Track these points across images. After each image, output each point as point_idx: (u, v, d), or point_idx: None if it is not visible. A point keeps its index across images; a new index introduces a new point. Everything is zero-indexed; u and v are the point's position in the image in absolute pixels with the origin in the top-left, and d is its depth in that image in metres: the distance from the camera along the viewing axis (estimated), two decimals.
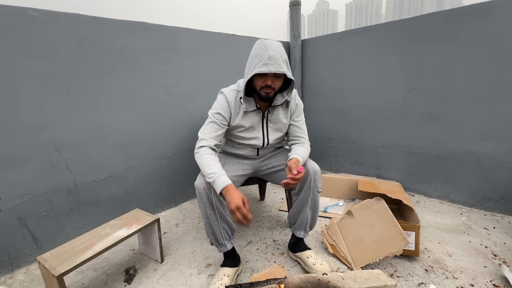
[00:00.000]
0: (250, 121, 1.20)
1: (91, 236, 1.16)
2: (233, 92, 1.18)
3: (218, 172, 1.02)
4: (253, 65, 1.04)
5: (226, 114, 1.16)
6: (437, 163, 1.84)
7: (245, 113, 1.19)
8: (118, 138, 1.53)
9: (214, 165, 1.04)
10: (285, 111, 1.25)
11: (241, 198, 0.95)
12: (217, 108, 1.17)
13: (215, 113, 1.17)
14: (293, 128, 1.28)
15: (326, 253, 1.38)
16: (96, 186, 1.47)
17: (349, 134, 2.28)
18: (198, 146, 1.13)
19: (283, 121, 1.24)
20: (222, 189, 0.98)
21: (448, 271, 1.22)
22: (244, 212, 0.93)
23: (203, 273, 1.27)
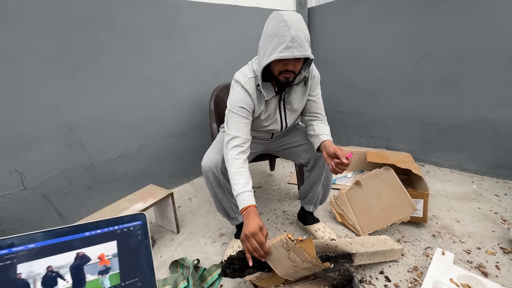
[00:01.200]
0: (270, 108, 1.10)
1: (111, 210, 1.23)
2: (251, 81, 1.03)
3: (242, 187, 0.93)
4: (272, 47, 0.89)
5: (249, 107, 1.04)
6: (450, 132, 1.80)
7: (266, 102, 1.08)
8: (128, 117, 1.56)
9: (241, 176, 0.95)
10: (304, 89, 1.12)
11: (259, 225, 0.83)
12: (239, 102, 1.02)
13: (239, 106, 1.02)
14: (309, 104, 1.16)
15: (334, 222, 1.42)
16: (111, 164, 1.54)
17: (359, 106, 2.24)
18: (229, 147, 1.00)
19: (301, 101, 1.14)
20: (242, 209, 0.90)
21: (455, 236, 1.24)
22: (261, 239, 0.81)
23: (217, 242, 1.34)
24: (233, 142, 1.00)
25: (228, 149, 1.00)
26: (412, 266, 1.09)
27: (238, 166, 0.97)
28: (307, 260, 0.83)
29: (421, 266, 1.09)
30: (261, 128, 1.17)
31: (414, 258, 1.13)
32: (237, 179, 0.94)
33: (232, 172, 0.96)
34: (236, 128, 1.02)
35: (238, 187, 0.93)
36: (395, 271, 1.07)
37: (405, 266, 1.09)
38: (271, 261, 0.85)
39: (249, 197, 0.91)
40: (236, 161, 0.98)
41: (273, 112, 1.13)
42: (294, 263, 0.83)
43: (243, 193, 0.92)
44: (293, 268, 0.85)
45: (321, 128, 1.13)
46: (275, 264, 0.86)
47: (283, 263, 0.85)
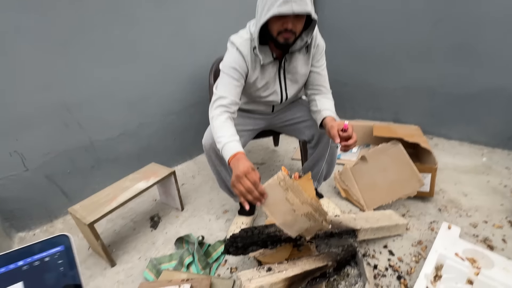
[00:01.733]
0: (267, 75, 1.02)
1: (114, 189, 1.23)
2: (246, 42, 0.97)
3: (228, 138, 0.86)
4: (270, 3, 0.82)
5: (242, 70, 0.97)
6: (462, 102, 1.71)
7: (263, 68, 1.00)
8: (125, 95, 1.50)
9: (226, 130, 0.89)
10: (306, 58, 1.04)
11: (251, 166, 0.77)
12: (231, 62, 0.96)
13: (230, 67, 0.96)
14: (312, 76, 1.09)
15: (338, 197, 1.41)
16: (112, 144, 1.52)
17: (366, 77, 2.13)
18: (214, 106, 0.94)
19: (303, 71, 1.06)
20: (230, 157, 0.83)
21: (462, 209, 1.22)
22: (254, 178, 0.74)
23: (221, 218, 1.35)
24: (219, 102, 0.95)
25: (213, 108, 0.95)
26: (417, 240, 1.09)
27: (222, 120, 0.91)
28: (307, 202, 0.76)
29: (426, 240, 1.08)
30: (259, 99, 1.11)
31: (419, 232, 1.13)
32: (221, 132, 0.88)
33: (216, 126, 0.90)
34: (224, 88, 0.96)
35: (223, 139, 0.87)
36: (399, 245, 1.07)
37: (409, 240, 1.09)
38: (267, 206, 0.77)
39: (237, 145, 0.85)
40: (220, 117, 0.92)
41: (272, 81, 1.06)
42: (293, 205, 0.76)
43: (229, 143, 0.85)
44: (292, 214, 0.77)
45: (324, 103, 1.07)
46: (272, 210, 0.78)
47: (281, 207, 0.77)
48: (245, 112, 1.21)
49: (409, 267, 0.98)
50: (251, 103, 1.17)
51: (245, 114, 1.20)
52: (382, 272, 0.96)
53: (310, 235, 0.85)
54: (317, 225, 0.80)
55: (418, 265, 0.98)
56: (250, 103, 1.17)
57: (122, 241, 1.28)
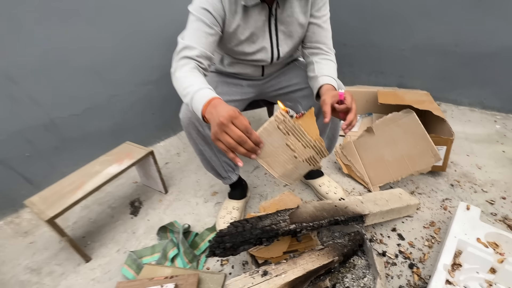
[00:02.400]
0: (253, 24, 0.81)
1: (81, 175, 1.05)
2: None
3: (199, 85, 0.67)
4: None
5: (217, 13, 0.75)
6: (478, 63, 1.51)
7: (246, 12, 0.79)
8: (87, 61, 1.24)
9: (192, 79, 0.70)
10: (303, 3, 0.83)
11: (234, 110, 0.56)
12: (202, 2, 0.74)
13: (201, 8, 0.74)
14: (312, 29, 0.87)
15: (340, 173, 1.27)
16: (77, 120, 1.29)
17: (369, 37, 1.88)
18: (177, 58, 0.75)
19: (300, 20, 0.84)
20: (203, 106, 0.62)
21: (476, 184, 1.10)
22: (244, 122, 0.56)
23: (210, 202, 1.21)
24: (184, 53, 0.74)
25: (175, 60, 0.75)
26: (429, 221, 0.97)
27: (187, 70, 0.72)
28: (310, 145, 0.63)
29: (439, 220, 0.97)
30: (245, 58, 0.89)
31: (431, 212, 1.01)
32: (188, 82, 0.69)
33: (180, 77, 0.71)
34: (192, 36, 0.75)
35: (191, 88, 0.66)
36: (409, 228, 0.96)
37: (421, 222, 0.98)
38: (264, 157, 0.62)
39: (210, 92, 0.65)
40: (184, 67, 0.72)
41: (260, 33, 0.84)
42: (295, 152, 0.62)
43: (200, 90, 0.65)
44: (293, 161, 0.64)
45: (323, 67, 0.86)
46: (270, 161, 0.63)
47: (280, 156, 0.62)
48: (230, 77, 1.00)
49: (422, 253, 0.87)
50: (235, 64, 0.95)
51: (230, 81, 1.00)
52: (392, 260, 0.85)
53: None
54: (315, 167, 0.70)
55: (431, 250, 0.87)
56: (234, 65, 0.95)
57: (99, 231, 1.13)
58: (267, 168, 0.64)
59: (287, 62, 1.05)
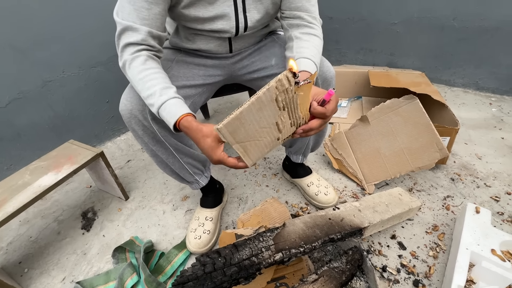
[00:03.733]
0: None
1: (3, 189, 0.81)
2: None
3: (160, 96, 0.55)
4: None
5: None
6: (476, 39, 1.37)
7: None
8: (7, 36, 0.94)
9: (150, 79, 0.57)
10: None
11: (213, 144, 0.52)
12: None
13: None
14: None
15: (329, 168, 1.12)
16: (2, 115, 1.01)
17: (358, 9, 1.67)
18: (121, 45, 0.59)
19: None
20: (173, 127, 0.55)
21: (478, 178, 1.00)
22: (230, 164, 0.52)
23: (179, 209, 1.02)
24: (126, 38, 0.58)
25: (119, 49, 0.60)
26: (431, 224, 0.85)
27: (139, 68, 0.58)
28: (297, 123, 0.52)
29: (442, 223, 0.85)
30: (203, 27, 0.68)
31: (432, 213, 0.89)
32: (147, 88, 0.57)
33: (136, 80, 0.58)
34: (130, 10, 0.57)
35: (154, 99, 0.56)
36: (410, 234, 0.84)
37: (422, 226, 0.85)
38: (242, 140, 0.47)
39: (176, 105, 0.56)
40: (134, 62, 0.58)
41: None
42: (281, 133, 0.50)
43: (165, 104, 0.55)
44: (273, 144, 0.52)
45: (303, 44, 0.67)
46: (248, 146, 0.48)
47: (263, 138, 0.49)
48: (189, 56, 0.78)
49: (427, 265, 0.75)
50: (195, 37, 0.73)
51: (190, 60, 0.77)
52: (393, 277, 0.73)
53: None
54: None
55: (437, 262, 0.76)
56: (194, 38, 0.73)
57: (41, 253, 0.91)
58: (242, 155, 0.49)
59: (262, 35, 0.84)
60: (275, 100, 0.43)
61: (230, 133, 0.44)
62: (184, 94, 0.72)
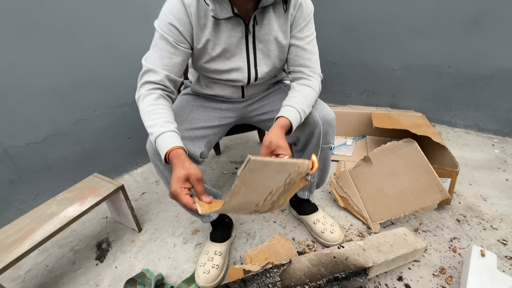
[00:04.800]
0: (225, 39, 0.74)
1: (32, 218, 0.88)
2: None
3: (160, 127, 0.65)
4: None
5: (184, 28, 0.70)
6: (472, 84, 1.47)
7: (217, 26, 0.72)
8: (49, 82, 1.10)
9: (156, 114, 0.66)
10: (283, 20, 0.77)
11: (182, 177, 0.57)
12: (168, 16, 0.69)
13: (166, 24, 0.69)
14: (295, 51, 0.81)
15: (335, 206, 1.15)
16: (37, 149, 1.13)
17: (360, 56, 1.82)
18: (140, 83, 0.71)
19: (279, 38, 0.78)
20: (164, 158, 0.63)
21: (484, 219, 1.01)
22: (185, 202, 0.56)
23: (189, 242, 1.05)
24: (147, 77, 0.70)
25: (138, 85, 0.72)
26: (438, 267, 0.86)
27: (150, 102, 0.69)
28: (276, 203, 0.57)
29: (449, 266, 0.86)
30: (220, 77, 0.81)
31: (439, 254, 0.90)
32: (151, 119, 0.66)
33: (144, 111, 0.68)
34: (156, 57, 0.70)
35: (155, 128, 0.65)
36: (417, 276, 0.84)
37: (429, 268, 0.86)
38: (245, 183, 0.47)
39: (172, 137, 0.64)
40: (148, 97, 0.69)
41: (236, 50, 0.77)
42: (264, 200, 0.53)
43: (163, 134, 0.64)
44: (250, 208, 0.55)
45: (295, 94, 0.78)
46: (245, 191, 0.49)
47: (254, 194, 0.51)
48: (207, 100, 0.91)
49: None
50: (213, 85, 0.87)
51: (208, 104, 0.90)
52: None
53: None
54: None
55: None
56: (212, 85, 0.87)
57: (56, 283, 0.95)
58: (233, 192, 0.47)
59: (270, 84, 0.97)
60: (288, 174, 0.49)
61: (250, 170, 0.45)
62: (202, 134, 0.82)
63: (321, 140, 0.83)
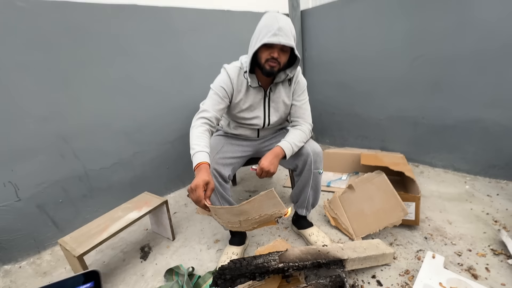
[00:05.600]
0: (252, 99, 1.17)
1: (105, 219, 1.24)
2: (235, 68, 1.14)
3: (200, 148, 0.97)
4: (261, 36, 1.00)
5: (228, 89, 1.12)
6: (443, 132, 1.81)
7: (248, 91, 1.15)
8: (121, 125, 1.56)
9: (201, 140, 1.00)
10: (288, 90, 1.21)
11: (204, 180, 0.87)
12: (220, 82, 1.12)
13: (218, 86, 1.12)
14: (293, 109, 1.24)
15: (328, 225, 1.43)
16: (106, 173, 1.54)
17: (353, 108, 2.25)
18: (197, 117, 1.08)
19: (285, 101, 1.21)
20: (195, 166, 0.93)
21: (447, 238, 1.25)
22: (199, 194, 0.85)
23: (212, 248, 1.35)
24: (202, 114, 1.08)
25: (195, 118, 1.08)
26: (404, 269, 1.10)
27: (201, 131, 1.03)
28: (252, 227, 0.92)
29: (413, 269, 1.10)
30: (245, 122, 1.22)
31: (406, 261, 1.15)
32: (197, 141, 0.99)
33: (194, 135, 1.02)
34: (209, 103, 1.10)
35: (197, 147, 0.98)
36: (387, 275, 1.09)
37: (397, 270, 1.11)
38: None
39: (204, 156, 0.96)
40: (200, 128, 1.04)
41: (257, 106, 1.20)
42: (245, 220, 0.89)
43: (199, 152, 0.96)
44: (237, 223, 0.92)
45: (289, 134, 1.19)
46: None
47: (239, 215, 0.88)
48: (233, 138, 1.31)
49: None
50: (238, 127, 1.28)
51: (234, 142, 1.29)
52: None
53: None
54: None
55: None
56: (237, 128, 1.28)
57: (111, 273, 1.26)
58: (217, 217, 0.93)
59: (278, 129, 1.38)
60: (264, 213, 0.85)
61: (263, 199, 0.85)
62: (229, 162, 1.20)
63: (312, 166, 1.18)
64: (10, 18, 1.16)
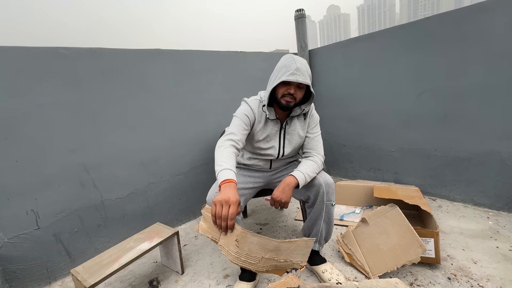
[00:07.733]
0: (269, 130, 1.23)
1: (117, 249, 1.25)
2: (256, 101, 1.23)
3: (229, 166, 0.96)
4: (280, 74, 1.10)
5: (251, 118, 1.19)
6: (457, 165, 1.77)
7: (266, 123, 1.22)
8: (139, 156, 1.65)
9: (230, 159, 1.00)
10: (303, 124, 1.28)
11: (238, 200, 0.84)
12: (243, 111, 1.19)
13: (242, 113, 1.18)
14: (306, 140, 1.30)
15: (343, 262, 1.37)
16: (121, 203, 1.59)
17: (363, 140, 2.26)
18: (224, 138, 1.10)
19: (300, 133, 1.27)
20: (222, 181, 0.90)
21: (473, 279, 1.17)
22: (233, 212, 0.81)
23: (221, 284, 1.31)
24: (229, 136, 1.11)
25: (223, 140, 1.11)
26: None
27: (230, 152, 1.05)
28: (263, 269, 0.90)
29: None
30: (260, 152, 1.27)
31: None
32: (226, 159, 1.00)
33: (224, 154, 1.02)
34: (235, 128, 1.15)
35: (226, 165, 0.97)
36: None
37: None
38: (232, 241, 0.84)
39: (233, 174, 0.95)
40: (228, 148, 1.06)
41: (273, 137, 1.25)
42: (258, 262, 0.87)
43: (228, 170, 0.95)
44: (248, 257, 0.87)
45: (302, 165, 1.21)
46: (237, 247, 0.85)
47: (252, 252, 0.86)
48: (245, 170, 1.35)
49: None
50: (252, 158, 1.33)
51: (246, 173, 1.33)
52: None
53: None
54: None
55: None
56: (251, 159, 1.33)
57: None
58: (222, 247, 0.87)
59: (290, 161, 1.40)
60: (289, 259, 0.89)
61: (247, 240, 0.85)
62: (241, 192, 1.22)
63: (325, 197, 1.18)
64: (54, 63, 1.33)
